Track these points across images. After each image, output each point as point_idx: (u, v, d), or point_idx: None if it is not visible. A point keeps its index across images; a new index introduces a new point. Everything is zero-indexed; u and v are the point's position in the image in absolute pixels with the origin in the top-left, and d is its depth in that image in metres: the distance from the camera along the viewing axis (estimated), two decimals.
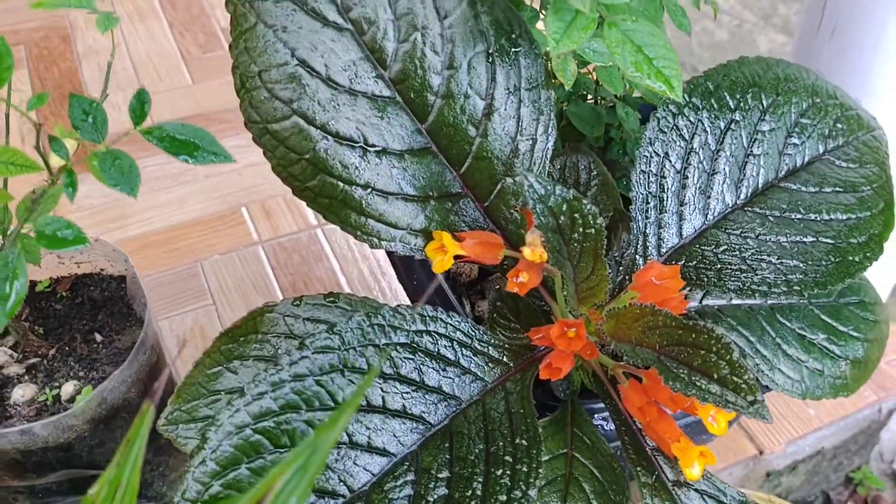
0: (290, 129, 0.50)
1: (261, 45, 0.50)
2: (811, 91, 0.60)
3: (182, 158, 0.44)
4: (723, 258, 0.55)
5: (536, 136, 0.55)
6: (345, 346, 0.49)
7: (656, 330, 0.49)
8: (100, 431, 0.61)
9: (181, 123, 0.45)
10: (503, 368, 0.53)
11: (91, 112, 0.43)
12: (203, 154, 0.44)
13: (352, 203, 0.52)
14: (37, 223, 0.43)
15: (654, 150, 0.55)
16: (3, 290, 0.41)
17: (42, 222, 0.43)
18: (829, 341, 0.66)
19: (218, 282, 1.10)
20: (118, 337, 0.65)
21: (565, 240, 0.50)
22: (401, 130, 0.53)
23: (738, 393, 0.44)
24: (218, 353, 0.64)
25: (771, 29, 1.86)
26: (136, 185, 0.43)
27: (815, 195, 0.58)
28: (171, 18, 1.51)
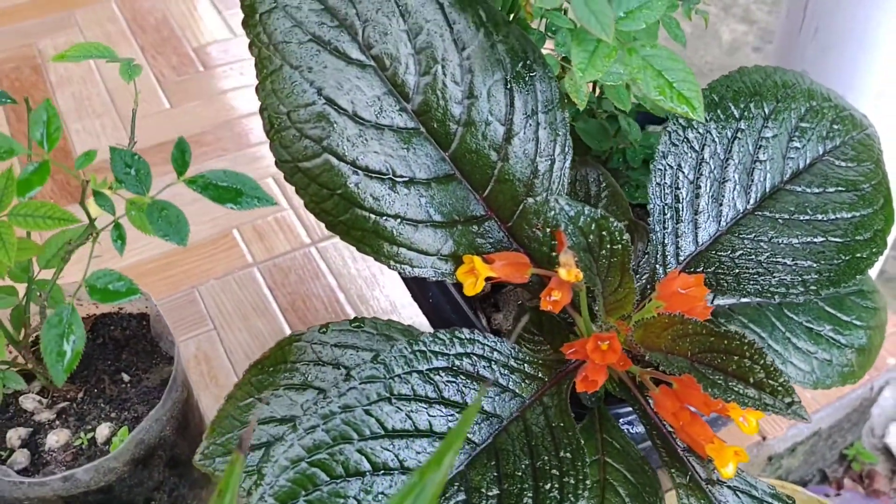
0: (321, 167, 0.52)
1: (288, 86, 0.51)
2: (808, 95, 0.62)
3: (228, 206, 0.45)
4: (739, 262, 0.57)
5: (554, 155, 0.56)
6: (390, 374, 0.51)
7: (687, 338, 0.51)
8: (138, 471, 0.61)
9: (223, 171, 0.45)
10: (539, 383, 0.55)
11: (133, 164, 0.44)
12: (247, 199, 0.45)
13: (384, 233, 0.53)
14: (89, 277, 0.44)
15: (667, 162, 0.58)
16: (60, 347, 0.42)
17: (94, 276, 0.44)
18: (834, 332, 0.69)
19: (217, 306, 1.11)
20: (146, 375, 0.66)
21: (594, 257, 0.51)
22: (426, 160, 0.54)
23: (775, 395, 0.46)
24: (249, 384, 0.65)
25: (731, 19, 1.90)
26: (186, 234, 0.43)
27: (819, 195, 0.60)
28: (141, 42, 1.50)
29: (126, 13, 1.55)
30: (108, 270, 0.45)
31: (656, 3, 0.47)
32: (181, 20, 1.54)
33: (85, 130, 1.34)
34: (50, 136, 0.41)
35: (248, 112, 1.37)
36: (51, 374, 0.45)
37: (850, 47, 0.75)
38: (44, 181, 0.40)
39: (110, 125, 1.35)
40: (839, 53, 0.76)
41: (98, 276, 0.44)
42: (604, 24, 0.44)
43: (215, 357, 1.04)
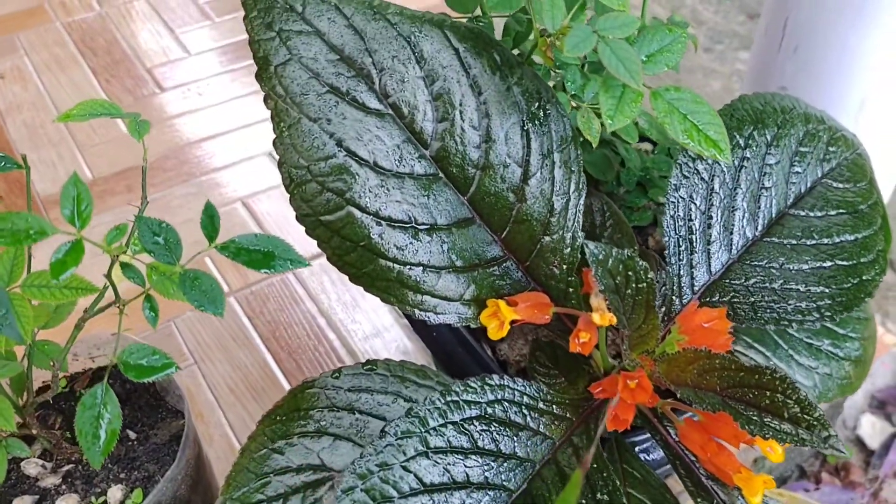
0: (344, 220, 0.51)
1: (307, 139, 0.50)
2: (805, 119, 0.64)
3: (263, 271, 0.43)
4: (753, 290, 0.58)
5: (570, 193, 0.56)
6: (425, 427, 0.50)
7: (714, 372, 0.52)
8: None
9: (254, 234, 0.44)
10: (567, 424, 0.55)
11: (161, 233, 0.42)
12: (280, 262, 0.44)
13: (408, 282, 0.53)
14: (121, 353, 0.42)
15: (679, 195, 0.58)
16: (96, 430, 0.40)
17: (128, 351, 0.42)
18: (833, 346, 0.70)
19: (195, 339, 1.08)
20: (153, 432, 0.64)
21: (621, 297, 0.52)
22: (446, 205, 0.53)
23: (811, 430, 0.47)
24: (262, 435, 0.63)
25: None
26: (222, 303, 0.42)
27: (822, 219, 0.62)
28: (93, 65, 1.45)
29: (74, 35, 1.50)
30: (142, 345, 0.43)
31: (676, 46, 0.47)
32: (132, 41, 1.50)
33: (41, 161, 1.29)
34: (81, 214, 0.39)
35: (210, 135, 1.34)
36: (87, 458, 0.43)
37: (830, 64, 0.77)
38: (78, 262, 0.38)
39: (67, 155, 1.30)
40: (819, 70, 0.78)
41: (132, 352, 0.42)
42: (632, 71, 0.44)
43: (198, 393, 1.02)
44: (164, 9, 1.57)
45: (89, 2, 1.58)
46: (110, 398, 0.42)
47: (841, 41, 0.75)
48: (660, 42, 0.48)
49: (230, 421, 0.98)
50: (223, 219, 1.25)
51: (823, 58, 0.77)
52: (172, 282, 0.43)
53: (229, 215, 1.23)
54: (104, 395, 0.41)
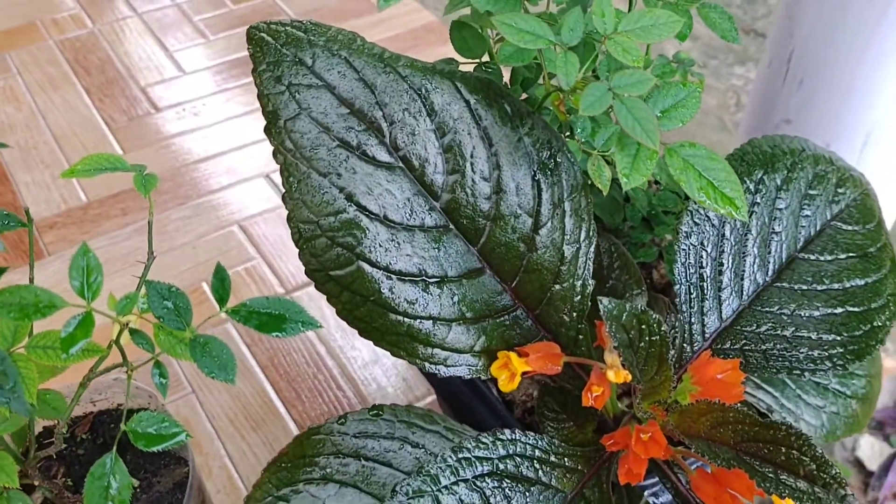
0: (353, 275, 0.50)
1: (318, 194, 0.49)
2: (814, 161, 0.63)
3: (274, 335, 0.43)
4: (765, 337, 0.58)
5: (580, 241, 0.56)
6: (437, 486, 0.50)
7: (728, 426, 0.51)
8: None
9: (265, 297, 0.43)
10: (579, 476, 0.55)
11: (171, 297, 0.41)
12: (292, 325, 0.43)
13: (418, 336, 0.52)
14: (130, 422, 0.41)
15: (690, 242, 0.58)
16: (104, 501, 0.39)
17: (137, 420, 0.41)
18: (840, 384, 0.70)
19: (192, 368, 1.07)
20: (156, 479, 0.63)
21: (634, 350, 0.51)
22: (456, 257, 0.53)
23: (828, 489, 0.47)
24: (268, 483, 0.62)
25: None
26: (233, 370, 0.41)
27: (832, 262, 0.61)
28: (86, 84, 1.44)
29: (67, 53, 1.49)
30: (151, 413, 0.42)
31: (691, 101, 0.47)
32: (126, 60, 1.49)
33: (34, 183, 1.28)
34: (90, 286, 0.39)
35: (206, 156, 1.33)
36: None
37: (835, 99, 0.76)
38: (89, 335, 0.38)
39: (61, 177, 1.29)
40: (825, 105, 0.77)
41: (141, 420, 0.42)
42: (648, 131, 0.44)
43: (196, 423, 1.01)
44: (159, 27, 1.56)
45: (82, 20, 1.57)
46: (119, 468, 0.41)
47: (848, 76, 0.75)
48: (674, 97, 0.47)
49: (229, 452, 0.97)
50: (221, 243, 1.24)
51: (829, 92, 0.77)
52: (182, 344, 0.42)
53: (226, 238, 1.22)
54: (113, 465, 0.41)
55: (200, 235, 1.23)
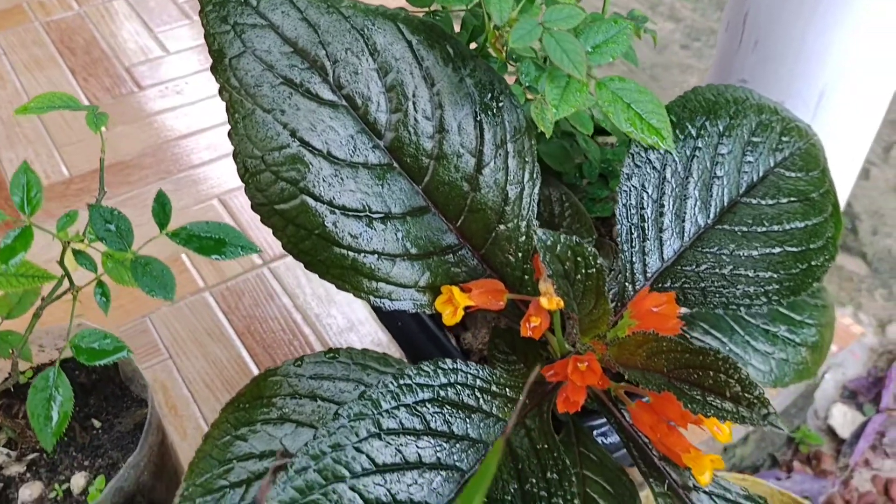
0: (298, 208, 0.52)
1: (261, 130, 0.51)
2: (758, 110, 0.65)
3: (213, 257, 0.44)
4: (704, 276, 0.60)
5: (524, 182, 0.58)
6: (378, 410, 0.51)
7: (662, 355, 0.53)
8: None
9: (206, 222, 0.45)
10: (520, 406, 0.56)
11: (114, 220, 0.43)
12: (230, 249, 0.45)
13: (362, 270, 0.54)
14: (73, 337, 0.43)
15: (632, 184, 0.59)
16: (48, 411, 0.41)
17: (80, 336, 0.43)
18: (789, 331, 0.72)
19: (170, 334, 1.09)
20: (118, 420, 0.65)
21: (570, 282, 0.53)
22: (400, 194, 0.55)
23: (751, 408, 0.49)
24: (225, 422, 0.64)
25: (659, 17, 1.95)
26: (173, 288, 0.43)
27: (773, 206, 0.63)
28: (71, 64, 1.46)
29: (52, 35, 1.50)
30: (94, 329, 0.44)
31: (621, 37, 0.49)
32: (111, 40, 1.51)
33: (18, 159, 1.30)
34: (31, 201, 0.40)
35: (188, 132, 1.35)
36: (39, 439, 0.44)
37: (788, 59, 0.78)
38: (27, 247, 0.39)
39: (44, 153, 1.31)
40: (779, 64, 0.79)
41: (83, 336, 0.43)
42: (576, 62, 0.45)
43: (173, 387, 1.03)
44: (144, 8, 1.58)
45: (68, 1, 1.59)
46: (62, 381, 0.43)
47: (799, 35, 0.77)
48: (605, 34, 0.49)
49: (204, 415, 0.99)
50: (200, 215, 1.26)
51: (782, 52, 0.79)
52: (125, 269, 0.44)
53: (205, 211, 1.24)
54: (56, 378, 0.42)
55: (181, 208, 1.24)
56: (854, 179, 0.91)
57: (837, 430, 1.26)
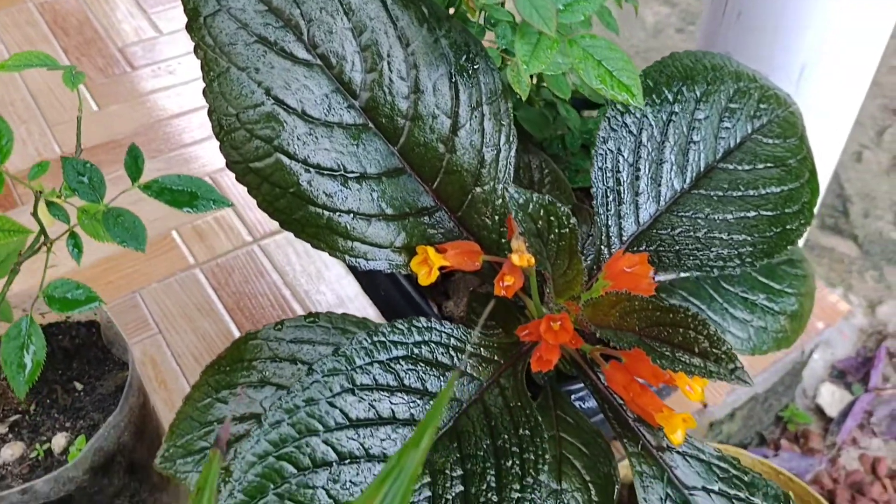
0: (272, 166, 0.52)
1: (236, 87, 0.51)
2: (735, 77, 0.65)
3: (185, 210, 0.45)
4: (679, 239, 0.60)
5: (500, 145, 0.58)
6: (352, 366, 0.52)
7: (634, 314, 0.54)
8: (98, 479, 0.61)
9: (177, 175, 0.46)
10: (495, 366, 0.57)
11: (86, 173, 0.44)
12: (202, 202, 0.45)
13: (338, 229, 0.54)
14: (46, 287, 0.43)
15: (607, 147, 0.60)
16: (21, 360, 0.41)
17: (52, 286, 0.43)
18: (768, 300, 0.72)
19: (160, 310, 1.09)
20: (99, 383, 0.65)
21: (544, 241, 0.53)
22: (376, 155, 0.55)
23: (719, 363, 0.49)
24: (206, 385, 0.65)
25: (654, 2, 1.95)
26: (144, 239, 0.44)
27: (749, 172, 0.63)
28: (64, 44, 1.46)
29: (46, 15, 1.51)
30: (66, 280, 0.45)
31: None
32: (104, 21, 1.51)
33: None
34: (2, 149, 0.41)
35: (180, 112, 1.35)
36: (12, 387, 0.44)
37: (771, 30, 0.78)
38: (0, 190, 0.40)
39: (37, 131, 1.31)
40: (761, 36, 0.79)
41: (56, 286, 0.44)
42: (546, 18, 0.46)
43: (162, 361, 1.03)
44: None
45: None
46: (35, 330, 0.43)
47: (781, 7, 0.77)
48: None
49: None
50: None
51: (764, 24, 0.79)
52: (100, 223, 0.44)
53: None
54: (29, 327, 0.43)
55: None
56: (839, 153, 0.91)
57: (825, 408, 1.26)
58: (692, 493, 0.57)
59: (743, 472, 0.59)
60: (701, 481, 0.57)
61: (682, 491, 0.57)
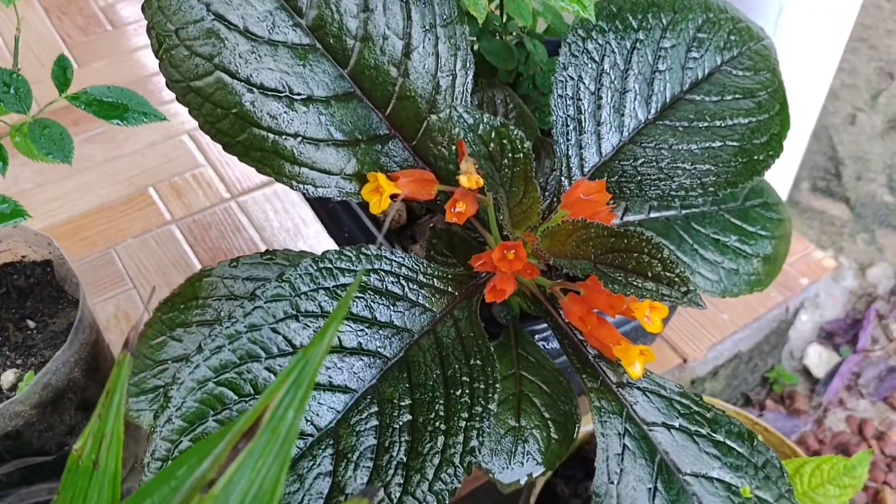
0: (213, 85, 0.50)
1: (174, 2, 0.49)
2: (704, 7, 0.63)
3: (114, 122, 0.43)
4: (641, 170, 0.58)
5: (456, 71, 0.56)
6: (296, 292, 0.50)
7: (590, 241, 0.52)
8: (48, 416, 0.60)
9: (108, 86, 0.44)
10: (449, 298, 0.55)
11: (12, 83, 0.42)
12: (133, 115, 0.44)
13: (284, 153, 0.53)
14: None
15: (568, 74, 0.58)
16: None
17: None
18: (740, 242, 0.71)
19: (135, 265, 1.08)
20: (52, 321, 0.64)
21: (496, 166, 0.52)
22: (324, 77, 0.53)
23: (671, 286, 0.47)
24: (159, 322, 0.63)
25: None
26: (70, 151, 0.42)
27: (717, 103, 0.61)
28: (45, 4, 1.44)
29: None
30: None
31: None
32: None
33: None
34: None
35: None
36: None
37: None
38: None
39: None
40: None
41: None
42: None
43: (135, 315, 1.02)
44: None
45: None
46: None
47: None
48: None
49: None
50: (170, 150, 1.25)
51: None
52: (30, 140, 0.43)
53: (175, 146, 1.23)
54: None
55: (150, 144, 1.23)
56: (821, 101, 0.89)
57: (812, 369, 1.25)
58: (651, 428, 0.55)
59: (705, 409, 0.57)
60: (661, 417, 0.56)
61: (641, 426, 0.55)
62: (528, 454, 0.58)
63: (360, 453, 0.49)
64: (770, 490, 0.55)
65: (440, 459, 0.48)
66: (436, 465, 0.48)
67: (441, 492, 0.47)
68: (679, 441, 0.55)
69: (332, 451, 0.49)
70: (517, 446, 0.58)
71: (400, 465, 0.48)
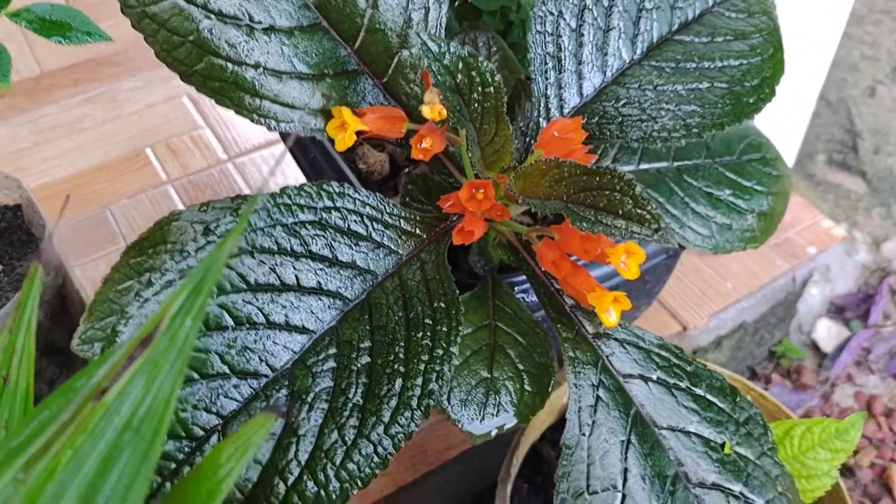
0: (169, 11, 0.48)
1: None
2: None
3: (55, 40, 0.41)
4: (623, 111, 0.56)
5: (429, 4, 0.54)
6: (252, 228, 0.48)
7: (563, 181, 0.49)
8: None
9: (50, 4, 0.42)
10: (417, 241, 0.53)
11: None
12: (77, 34, 0.42)
13: (244, 84, 0.51)
14: None
15: (548, 9, 0.55)
16: None
17: None
18: (734, 196, 0.68)
19: (129, 225, 1.07)
20: (19, 264, 0.63)
21: (465, 100, 0.49)
22: (287, 6, 0.51)
23: (642, 224, 0.45)
24: (127, 266, 0.62)
25: None
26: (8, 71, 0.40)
27: (707, 45, 0.58)
28: None
29: None
30: None
31: None
32: None
33: None
34: None
35: None
36: None
37: None
38: None
39: (15, 49, 1.29)
40: None
41: None
42: None
43: None
44: None
45: None
46: None
47: None
48: None
49: None
50: (169, 111, 1.24)
51: None
52: None
53: (174, 108, 1.22)
54: None
55: (149, 105, 1.22)
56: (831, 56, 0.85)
57: (821, 344, 1.21)
58: (627, 380, 0.53)
59: (686, 362, 0.54)
60: (638, 369, 0.53)
61: (616, 378, 0.53)
62: (500, 405, 0.56)
63: (315, 395, 0.47)
64: (751, 447, 0.53)
65: (397, 402, 0.46)
66: (392, 407, 0.46)
67: (396, 435, 0.45)
68: (656, 394, 0.53)
69: (286, 392, 0.47)
70: (489, 397, 0.56)
71: (356, 407, 0.46)
